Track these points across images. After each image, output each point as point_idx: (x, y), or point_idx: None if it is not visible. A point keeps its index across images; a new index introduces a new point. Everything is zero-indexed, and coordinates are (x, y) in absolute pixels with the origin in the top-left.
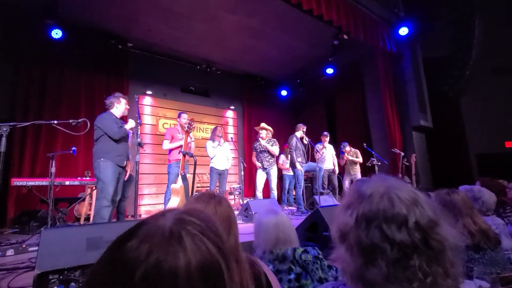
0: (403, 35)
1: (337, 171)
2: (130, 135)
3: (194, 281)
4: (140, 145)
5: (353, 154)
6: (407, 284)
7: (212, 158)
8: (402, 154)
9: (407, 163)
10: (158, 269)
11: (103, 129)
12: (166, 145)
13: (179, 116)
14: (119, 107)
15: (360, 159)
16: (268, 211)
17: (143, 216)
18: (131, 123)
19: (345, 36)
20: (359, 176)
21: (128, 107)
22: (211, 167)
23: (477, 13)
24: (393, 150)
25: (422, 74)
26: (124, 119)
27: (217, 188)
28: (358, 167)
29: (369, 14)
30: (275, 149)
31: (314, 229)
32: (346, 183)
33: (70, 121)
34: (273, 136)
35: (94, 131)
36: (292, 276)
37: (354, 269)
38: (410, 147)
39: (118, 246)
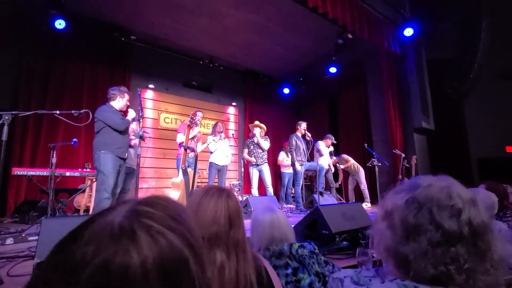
0: (408, 36)
1: (333, 170)
2: (131, 129)
3: (153, 280)
4: (142, 138)
5: (340, 161)
6: (443, 266)
7: (212, 153)
8: (403, 155)
9: (407, 165)
10: (106, 271)
11: (105, 121)
12: (180, 137)
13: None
14: (120, 102)
15: (350, 160)
16: (265, 208)
17: None
18: (131, 114)
19: (350, 35)
20: (362, 173)
21: (129, 103)
22: (210, 162)
23: (484, 15)
24: (394, 151)
25: (426, 75)
26: (124, 113)
27: (216, 184)
28: (354, 167)
29: (374, 13)
30: (266, 144)
31: (313, 227)
32: (350, 184)
33: (72, 111)
34: (275, 134)
35: (94, 123)
36: (289, 270)
37: (390, 243)
38: (411, 148)
39: (61, 249)
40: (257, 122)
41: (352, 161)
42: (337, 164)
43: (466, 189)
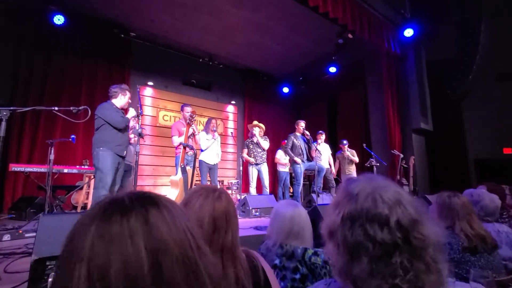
0: (408, 37)
1: (333, 171)
2: (131, 125)
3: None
4: (141, 135)
5: (351, 152)
6: (390, 279)
7: (202, 151)
8: (401, 156)
9: (405, 165)
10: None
11: (105, 119)
12: (176, 140)
13: (182, 109)
14: (122, 99)
15: (356, 159)
16: (288, 203)
17: None
18: (131, 112)
19: (350, 35)
20: (355, 175)
21: (130, 101)
22: (201, 161)
23: (484, 17)
24: (392, 151)
25: (425, 76)
26: (125, 111)
27: (209, 182)
28: (354, 167)
29: (375, 14)
30: (265, 144)
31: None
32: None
33: (71, 108)
34: (274, 133)
35: (94, 120)
36: (298, 276)
37: (341, 265)
38: (409, 149)
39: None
40: (255, 122)
41: (356, 159)
42: (347, 151)
43: (391, 188)
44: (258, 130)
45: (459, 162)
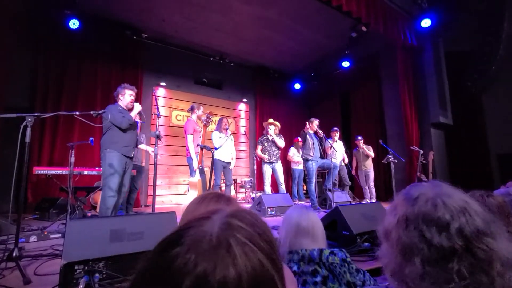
0: (425, 27)
1: (346, 160)
2: (139, 124)
3: None
4: (158, 137)
5: (367, 148)
6: (444, 284)
7: (216, 150)
8: (421, 152)
9: (424, 161)
10: (206, 283)
11: (110, 120)
12: (191, 139)
13: (192, 109)
14: (124, 99)
15: (372, 154)
16: (297, 207)
17: (157, 207)
18: (136, 108)
19: (364, 28)
20: (372, 171)
21: (133, 98)
22: (215, 159)
23: (507, 4)
24: (411, 147)
25: (444, 68)
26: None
27: (223, 181)
28: (370, 162)
29: (391, 5)
30: (281, 143)
31: (332, 228)
32: (361, 179)
33: (91, 112)
34: (286, 130)
35: (103, 122)
36: (319, 278)
37: (394, 266)
38: (427, 144)
39: (163, 251)
40: (271, 120)
41: (372, 154)
42: (363, 147)
43: (457, 196)
44: (273, 128)
45: (481, 157)
